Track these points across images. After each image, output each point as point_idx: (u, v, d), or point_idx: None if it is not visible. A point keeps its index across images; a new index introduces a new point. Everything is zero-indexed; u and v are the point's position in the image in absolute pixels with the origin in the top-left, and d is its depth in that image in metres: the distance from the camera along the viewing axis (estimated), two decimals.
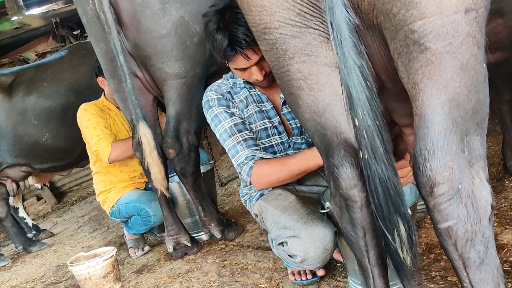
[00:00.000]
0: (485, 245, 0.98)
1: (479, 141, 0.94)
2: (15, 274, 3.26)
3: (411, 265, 0.98)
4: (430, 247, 1.92)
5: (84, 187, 5.75)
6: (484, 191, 0.96)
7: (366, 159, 0.91)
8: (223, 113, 1.88)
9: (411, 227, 0.96)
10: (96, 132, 2.66)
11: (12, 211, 3.96)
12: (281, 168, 1.73)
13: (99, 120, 2.71)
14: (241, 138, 1.82)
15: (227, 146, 1.84)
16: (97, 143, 2.63)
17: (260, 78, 1.76)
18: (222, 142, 1.86)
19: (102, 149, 2.62)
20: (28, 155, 3.43)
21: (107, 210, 2.87)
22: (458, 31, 0.86)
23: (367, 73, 0.86)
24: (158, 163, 2.33)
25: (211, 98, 1.92)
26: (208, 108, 1.92)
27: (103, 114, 2.78)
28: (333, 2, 0.83)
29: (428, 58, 0.88)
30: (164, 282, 2.31)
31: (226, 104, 1.90)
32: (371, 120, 0.88)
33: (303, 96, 1.03)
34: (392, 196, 0.92)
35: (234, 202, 3.36)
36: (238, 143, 1.81)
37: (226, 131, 1.84)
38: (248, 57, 1.68)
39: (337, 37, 0.84)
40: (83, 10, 2.23)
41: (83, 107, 2.79)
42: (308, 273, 1.88)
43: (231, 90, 1.94)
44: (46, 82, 3.37)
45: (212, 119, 1.90)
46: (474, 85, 0.90)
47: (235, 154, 1.81)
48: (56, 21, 6.02)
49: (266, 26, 1.00)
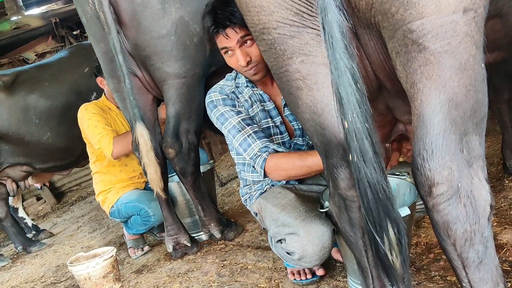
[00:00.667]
0: (484, 245, 0.98)
1: (478, 141, 0.94)
2: (15, 274, 3.26)
3: (401, 269, 0.97)
4: (430, 247, 1.92)
5: (83, 187, 5.75)
6: (483, 191, 0.96)
7: (355, 162, 0.90)
8: (229, 111, 1.86)
9: (401, 231, 0.95)
10: (98, 130, 2.66)
11: (12, 211, 3.96)
12: (300, 164, 1.70)
13: (100, 119, 2.71)
14: (251, 131, 1.80)
15: (238, 141, 1.80)
16: (99, 141, 2.63)
17: (243, 64, 1.75)
18: (231, 139, 1.83)
19: (105, 146, 2.62)
20: (29, 155, 3.44)
21: (107, 210, 2.87)
22: (457, 30, 0.86)
23: (357, 76, 0.85)
24: (155, 164, 2.32)
25: (215, 98, 1.91)
26: (212, 108, 1.90)
27: (104, 114, 2.79)
28: (325, 3, 0.83)
29: (426, 58, 0.88)
30: (163, 282, 2.31)
31: (232, 103, 1.89)
32: (360, 123, 0.87)
33: (302, 96, 1.03)
34: (381, 199, 0.91)
35: (234, 202, 3.36)
36: (248, 136, 1.78)
37: (235, 127, 1.82)
38: (227, 35, 1.71)
39: (328, 40, 0.84)
40: (83, 10, 2.23)
41: (84, 107, 2.79)
42: (308, 273, 1.88)
43: (235, 90, 1.94)
44: (47, 81, 3.37)
45: (218, 118, 1.88)
46: (472, 85, 0.90)
47: (247, 148, 1.78)
48: (55, 21, 6.02)
49: (264, 26, 1.00)
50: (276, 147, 1.77)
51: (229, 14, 1.68)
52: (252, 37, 1.60)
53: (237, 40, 1.72)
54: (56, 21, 6.02)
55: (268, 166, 1.73)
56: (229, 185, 3.87)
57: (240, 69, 1.82)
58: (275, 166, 1.73)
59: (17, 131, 3.34)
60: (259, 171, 1.77)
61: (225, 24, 1.70)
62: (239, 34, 1.71)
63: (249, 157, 1.78)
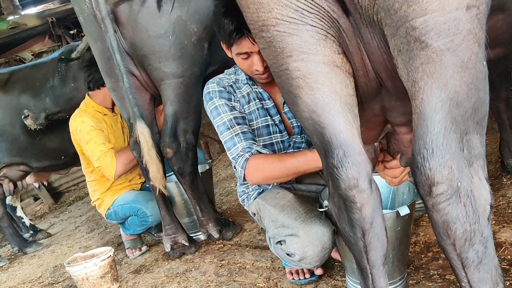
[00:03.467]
0: (484, 244, 0.98)
1: (478, 140, 0.94)
2: (13, 275, 3.24)
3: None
4: (428, 246, 1.92)
5: (81, 187, 5.72)
6: (483, 191, 0.95)
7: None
8: (223, 105, 1.85)
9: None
10: (99, 147, 2.54)
11: (10, 210, 3.94)
12: (279, 165, 1.70)
13: (99, 133, 2.60)
14: (240, 131, 1.79)
15: (224, 138, 1.81)
16: (99, 159, 2.53)
17: (260, 69, 1.73)
18: (219, 134, 1.83)
19: (106, 165, 2.53)
20: (25, 154, 3.42)
21: (103, 213, 2.83)
22: (460, 28, 0.85)
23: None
24: (156, 162, 2.32)
25: (212, 90, 1.89)
26: (208, 99, 1.89)
27: (99, 124, 2.68)
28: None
29: (428, 56, 0.87)
30: (162, 282, 2.30)
31: (228, 97, 1.88)
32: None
33: (302, 95, 1.01)
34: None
35: (232, 202, 3.36)
36: (236, 135, 1.78)
37: (225, 124, 1.82)
38: (254, 40, 1.64)
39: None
40: (80, 8, 2.21)
41: (79, 119, 2.63)
42: (306, 272, 1.88)
43: (234, 84, 1.92)
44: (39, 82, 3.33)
45: (211, 111, 1.87)
46: (474, 83, 0.89)
47: (232, 147, 1.78)
48: (52, 21, 5.99)
49: (263, 23, 0.99)
50: (259, 149, 1.76)
51: None
52: None
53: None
54: (52, 21, 5.99)
55: (248, 166, 1.72)
56: (227, 184, 3.86)
57: (252, 72, 1.80)
58: (254, 166, 1.72)
59: (12, 131, 3.31)
60: (239, 171, 1.75)
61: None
62: None
63: (231, 156, 1.78)
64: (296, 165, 1.68)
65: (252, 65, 1.75)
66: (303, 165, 1.68)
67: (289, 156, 1.72)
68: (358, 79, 1.05)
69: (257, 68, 1.74)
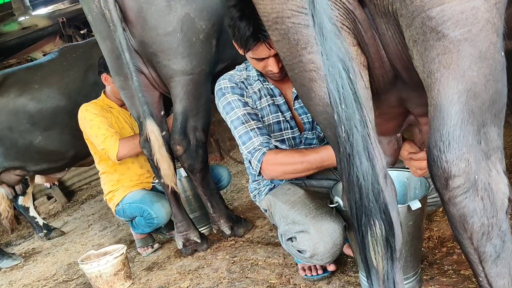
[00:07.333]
0: (501, 238, 0.96)
1: (496, 132, 0.92)
2: (27, 272, 3.29)
3: (383, 269, 0.92)
4: (442, 241, 1.90)
5: (93, 185, 5.79)
6: (501, 184, 0.93)
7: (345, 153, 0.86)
8: (236, 101, 1.84)
9: (393, 230, 0.89)
10: (101, 131, 2.62)
11: (23, 211, 4.00)
12: (300, 159, 1.68)
13: (103, 119, 2.67)
14: (255, 126, 1.78)
15: (238, 133, 1.79)
16: (103, 142, 2.60)
17: (275, 70, 1.73)
18: (233, 129, 1.81)
19: (109, 147, 2.59)
20: (22, 158, 3.40)
21: (113, 208, 2.86)
22: (478, 17, 0.83)
23: (349, 67, 0.82)
24: (168, 159, 2.33)
25: (224, 86, 1.89)
26: (221, 95, 1.88)
27: (105, 113, 2.75)
28: None
29: (445, 46, 0.85)
30: (174, 279, 2.31)
31: (240, 93, 1.87)
32: (351, 114, 0.83)
33: (316, 88, 1.00)
34: (369, 194, 0.87)
35: (243, 198, 3.36)
36: (251, 130, 1.77)
37: (239, 118, 1.80)
38: (271, 46, 1.64)
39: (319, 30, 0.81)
40: (89, 8, 2.22)
41: (84, 108, 2.74)
42: (319, 269, 1.87)
43: (245, 81, 1.91)
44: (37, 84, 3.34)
45: (224, 107, 1.86)
46: (492, 74, 0.87)
47: (247, 141, 1.76)
48: (62, 21, 6.04)
49: (278, 15, 0.98)
50: (278, 144, 1.74)
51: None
52: None
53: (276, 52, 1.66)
54: (63, 21, 6.04)
55: (265, 160, 1.70)
56: (238, 181, 3.86)
57: (266, 71, 1.79)
58: (273, 160, 1.70)
59: (10, 135, 3.31)
60: (255, 165, 1.73)
61: (267, 34, 1.56)
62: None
63: (247, 150, 1.76)
64: (319, 160, 1.67)
65: (267, 66, 1.75)
66: (326, 159, 1.66)
67: (310, 151, 1.70)
68: (373, 70, 1.04)
69: (272, 70, 1.73)
